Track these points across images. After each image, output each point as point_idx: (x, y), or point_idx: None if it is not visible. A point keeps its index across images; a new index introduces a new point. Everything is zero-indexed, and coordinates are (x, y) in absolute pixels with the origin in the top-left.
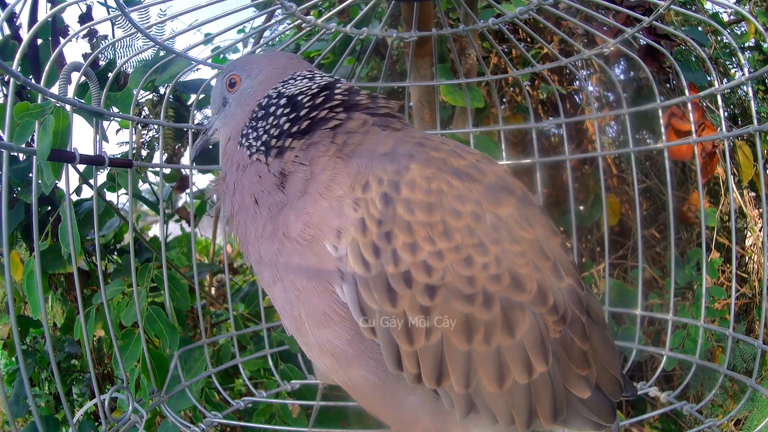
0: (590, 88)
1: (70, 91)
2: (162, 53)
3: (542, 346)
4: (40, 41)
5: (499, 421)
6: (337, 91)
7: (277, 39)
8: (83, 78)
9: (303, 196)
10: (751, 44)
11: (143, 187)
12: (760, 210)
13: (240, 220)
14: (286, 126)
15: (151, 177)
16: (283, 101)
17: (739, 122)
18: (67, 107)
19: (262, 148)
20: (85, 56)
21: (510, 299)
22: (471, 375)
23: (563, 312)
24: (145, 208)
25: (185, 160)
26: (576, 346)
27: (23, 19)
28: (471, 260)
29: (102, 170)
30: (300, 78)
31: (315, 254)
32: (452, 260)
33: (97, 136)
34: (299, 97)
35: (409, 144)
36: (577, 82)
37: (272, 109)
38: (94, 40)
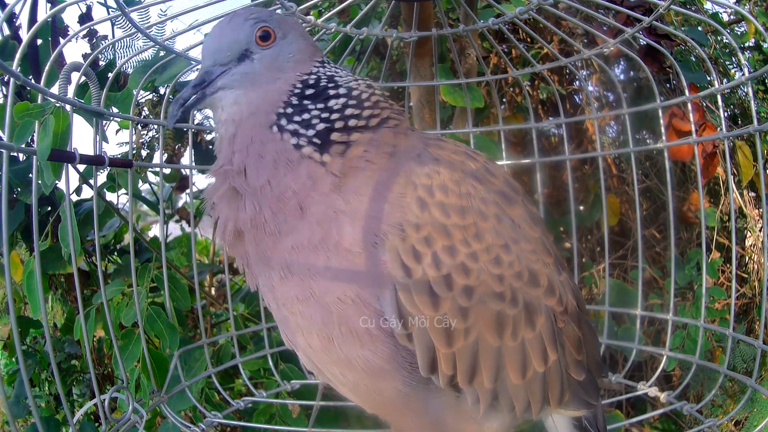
0: (590, 88)
1: (70, 91)
2: (162, 53)
3: (554, 336)
4: (40, 41)
5: (516, 409)
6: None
7: None
8: (83, 78)
9: (363, 197)
10: (751, 44)
11: (143, 187)
12: (760, 210)
13: (269, 228)
14: (352, 120)
15: (151, 177)
16: (342, 90)
17: (739, 122)
18: (67, 107)
19: (317, 140)
20: (85, 56)
21: (530, 294)
22: (500, 369)
23: (566, 303)
24: (145, 208)
25: (185, 160)
26: (574, 333)
27: (23, 19)
28: (500, 259)
29: (102, 170)
30: (335, 68)
31: (369, 262)
32: (485, 260)
33: (97, 136)
34: (355, 92)
35: (431, 147)
36: (577, 82)
37: (331, 92)
38: (94, 40)
